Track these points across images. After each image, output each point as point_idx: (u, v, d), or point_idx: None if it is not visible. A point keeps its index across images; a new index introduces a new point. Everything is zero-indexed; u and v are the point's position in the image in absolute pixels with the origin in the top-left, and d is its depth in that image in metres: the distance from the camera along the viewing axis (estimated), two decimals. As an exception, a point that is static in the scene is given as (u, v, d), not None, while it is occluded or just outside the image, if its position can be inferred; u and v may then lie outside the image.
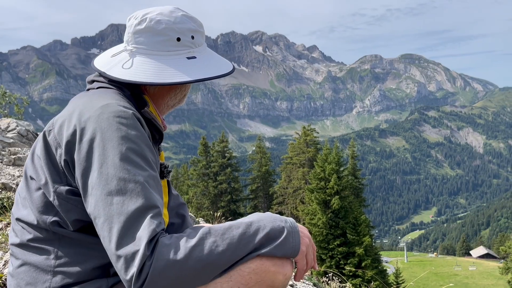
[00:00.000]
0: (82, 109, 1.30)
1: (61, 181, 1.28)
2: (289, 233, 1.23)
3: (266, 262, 1.21)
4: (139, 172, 1.21)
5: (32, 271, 1.30)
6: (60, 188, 1.27)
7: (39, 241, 1.31)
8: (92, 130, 1.23)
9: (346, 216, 25.96)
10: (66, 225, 1.29)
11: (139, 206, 1.16)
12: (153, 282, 1.10)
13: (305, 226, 1.71)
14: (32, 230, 1.33)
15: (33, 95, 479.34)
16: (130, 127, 1.25)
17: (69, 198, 1.27)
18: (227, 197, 37.02)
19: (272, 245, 1.21)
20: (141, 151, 1.25)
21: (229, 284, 1.20)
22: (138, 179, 1.19)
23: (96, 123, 1.24)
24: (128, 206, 1.15)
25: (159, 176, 1.31)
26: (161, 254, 1.11)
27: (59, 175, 1.28)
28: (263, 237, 1.20)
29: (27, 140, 7.17)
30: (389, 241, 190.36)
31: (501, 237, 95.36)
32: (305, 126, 39.98)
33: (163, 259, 1.11)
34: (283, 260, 1.25)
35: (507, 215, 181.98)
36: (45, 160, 1.30)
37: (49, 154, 1.30)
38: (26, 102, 15.50)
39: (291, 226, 1.24)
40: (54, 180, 1.28)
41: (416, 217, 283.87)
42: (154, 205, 1.19)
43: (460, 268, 76.53)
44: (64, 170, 1.27)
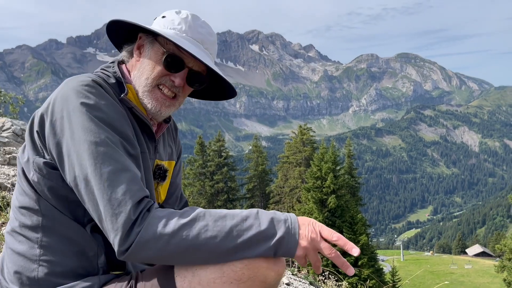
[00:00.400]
0: (57, 88, 1.35)
1: (38, 154, 1.32)
2: (283, 238, 1.20)
3: (258, 258, 1.21)
4: (107, 136, 1.23)
5: (20, 260, 1.32)
6: (37, 159, 1.31)
7: (24, 228, 1.34)
8: (59, 102, 1.28)
9: (343, 215, 26.01)
10: (47, 207, 1.32)
11: (112, 168, 1.19)
12: (138, 249, 1.14)
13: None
14: (18, 215, 1.36)
15: (29, 94, 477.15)
16: (92, 94, 1.28)
17: (47, 171, 1.30)
18: (223, 196, 37.00)
19: (262, 248, 1.20)
20: (105, 117, 1.27)
21: (222, 280, 1.20)
22: (107, 142, 1.22)
23: (61, 96, 1.29)
24: (101, 168, 1.19)
25: (135, 148, 1.33)
26: (151, 225, 1.15)
27: (36, 149, 1.32)
28: (255, 235, 1.19)
29: (22, 139, 7.13)
30: (385, 240, 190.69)
31: (497, 235, 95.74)
32: (302, 125, 40.02)
33: (152, 230, 1.14)
34: (276, 257, 1.25)
35: (502, 213, 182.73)
36: (28, 137, 1.35)
37: (31, 132, 1.34)
38: (21, 102, 15.41)
39: (289, 229, 1.21)
40: (33, 154, 1.32)
41: (412, 216, 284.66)
42: (126, 168, 1.22)
43: (456, 266, 76.87)
44: (39, 142, 1.31)
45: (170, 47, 1.45)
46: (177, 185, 1.77)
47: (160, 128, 1.61)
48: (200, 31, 1.51)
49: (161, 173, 1.58)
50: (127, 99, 1.42)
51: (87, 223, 1.33)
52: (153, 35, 1.48)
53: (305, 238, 1.21)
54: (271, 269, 1.23)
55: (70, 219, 1.31)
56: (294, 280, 3.76)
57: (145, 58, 1.49)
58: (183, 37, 1.46)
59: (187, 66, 1.47)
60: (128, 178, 1.20)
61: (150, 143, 1.52)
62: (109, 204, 1.17)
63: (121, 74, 1.48)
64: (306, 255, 1.23)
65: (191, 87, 1.53)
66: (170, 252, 1.16)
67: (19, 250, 1.33)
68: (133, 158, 1.31)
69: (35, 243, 1.31)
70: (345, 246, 1.22)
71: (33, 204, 1.32)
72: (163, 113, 1.51)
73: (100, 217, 1.19)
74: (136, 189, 1.19)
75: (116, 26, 1.52)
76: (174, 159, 1.72)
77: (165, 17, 1.51)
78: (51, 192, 1.30)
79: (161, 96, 1.48)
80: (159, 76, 1.47)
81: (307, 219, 1.26)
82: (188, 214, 1.19)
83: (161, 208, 1.27)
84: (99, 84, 1.33)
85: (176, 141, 1.78)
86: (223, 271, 1.20)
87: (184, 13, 1.51)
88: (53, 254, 1.30)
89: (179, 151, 1.79)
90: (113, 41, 1.59)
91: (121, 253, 1.16)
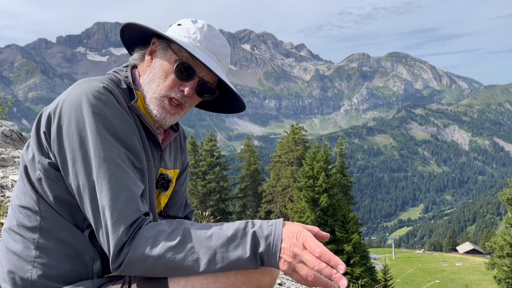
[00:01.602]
0: (69, 88, 1.35)
1: (43, 154, 1.32)
2: (262, 254, 1.17)
3: None
4: (113, 150, 1.24)
5: (14, 260, 1.32)
6: (42, 159, 1.31)
7: (21, 227, 1.33)
8: (68, 105, 1.27)
9: (335, 214, 26.09)
10: (47, 208, 1.32)
11: (112, 186, 1.21)
12: (128, 268, 1.18)
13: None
14: (17, 214, 1.35)
15: (18, 94, 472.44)
16: (103, 103, 1.28)
17: (51, 172, 1.30)
18: (216, 196, 36.93)
19: (248, 266, 1.17)
20: (113, 129, 1.27)
21: (216, 285, 1.19)
22: (112, 157, 1.23)
23: (71, 99, 1.28)
24: (102, 185, 1.21)
25: (141, 162, 1.34)
26: (138, 246, 1.17)
27: (42, 149, 1.32)
28: (240, 256, 1.16)
29: (11, 140, 7.03)
30: (377, 238, 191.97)
31: (487, 233, 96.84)
32: (294, 124, 40.08)
33: (139, 251, 1.17)
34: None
35: (492, 211, 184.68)
36: (34, 135, 1.34)
37: (37, 130, 1.34)
38: (11, 102, 15.30)
39: (269, 246, 1.17)
40: (39, 153, 1.32)
41: (403, 214, 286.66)
42: (126, 187, 1.23)
43: (447, 264, 77.52)
44: (45, 143, 1.31)
45: (183, 55, 1.44)
46: (183, 193, 1.77)
47: (168, 137, 1.60)
48: (214, 42, 1.50)
49: (164, 183, 1.58)
50: (136, 107, 1.41)
51: (86, 228, 1.33)
52: (167, 42, 1.47)
53: (287, 252, 1.16)
54: (265, 273, 1.22)
55: (69, 222, 1.31)
56: (287, 280, 3.75)
57: (156, 64, 1.48)
58: (197, 46, 1.46)
59: (198, 76, 1.47)
60: (126, 197, 1.21)
61: (156, 151, 1.51)
62: (104, 221, 1.20)
63: (132, 80, 1.48)
64: (298, 271, 1.16)
65: (200, 97, 1.52)
66: (158, 271, 1.19)
67: (14, 249, 1.33)
68: (138, 171, 1.31)
69: (31, 244, 1.31)
70: (330, 262, 1.12)
71: (32, 204, 1.32)
72: (168, 121, 1.50)
73: (97, 229, 1.23)
74: (132, 210, 1.20)
75: (129, 29, 1.52)
76: (179, 168, 1.71)
77: (181, 25, 1.51)
78: (53, 193, 1.30)
79: (168, 104, 1.46)
80: (170, 86, 1.45)
81: (294, 228, 1.19)
82: (175, 234, 1.19)
83: (161, 215, 1.25)
84: (110, 91, 1.32)
85: (183, 150, 1.77)
86: (217, 276, 1.19)
87: (200, 23, 1.50)
88: (48, 256, 1.30)
89: (186, 160, 1.79)
90: (125, 44, 1.60)
91: (114, 269, 1.20)
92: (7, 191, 3.95)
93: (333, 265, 1.11)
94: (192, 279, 1.20)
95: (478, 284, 60.80)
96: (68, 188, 1.29)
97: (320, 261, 1.12)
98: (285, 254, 1.16)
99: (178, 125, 1.66)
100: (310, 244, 1.15)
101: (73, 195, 1.28)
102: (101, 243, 1.23)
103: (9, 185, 4.09)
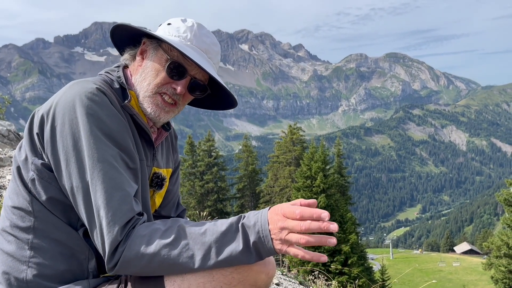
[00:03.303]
0: (61, 89, 1.35)
1: (37, 155, 1.32)
2: (255, 243, 1.18)
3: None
4: (107, 150, 1.25)
5: (9, 260, 1.32)
6: (35, 160, 1.31)
7: (15, 228, 1.33)
8: (62, 106, 1.28)
9: (332, 214, 26.10)
10: (40, 208, 1.31)
11: (106, 186, 1.21)
12: (123, 267, 1.19)
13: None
14: (10, 215, 1.35)
15: (15, 94, 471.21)
16: (96, 104, 1.28)
17: (45, 173, 1.30)
18: (213, 196, 36.89)
19: (244, 259, 1.18)
20: (107, 129, 1.28)
21: (212, 284, 1.20)
22: (106, 157, 1.24)
23: (64, 100, 1.28)
24: (96, 185, 1.21)
25: (134, 162, 1.35)
26: (134, 244, 1.18)
27: (35, 150, 1.32)
28: (234, 249, 1.17)
29: (9, 140, 7.02)
30: (375, 239, 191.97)
31: (484, 233, 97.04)
32: (292, 124, 40.05)
33: (134, 250, 1.18)
34: (266, 259, 1.24)
35: (489, 211, 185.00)
36: (27, 136, 1.34)
37: (30, 131, 1.34)
38: (8, 102, 15.21)
39: (259, 232, 1.18)
40: (32, 154, 1.33)
41: (401, 214, 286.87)
42: (120, 187, 1.24)
43: (444, 264, 77.65)
44: (38, 144, 1.31)
45: (174, 54, 1.45)
46: (175, 192, 1.78)
47: (160, 136, 1.61)
48: (204, 40, 1.52)
49: (158, 181, 1.59)
50: (129, 106, 1.41)
51: (80, 227, 1.33)
52: (157, 41, 1.48)
53: (274, 231, 1.17)
54: (261, 271, 1.23)
55: (63, 222, 1.31)
56: (284, 280, 3.74)
57: (148, 63, 1.48)
58: (188, 45, 1.46)
59: (190, 74, 1.48)
60: (121, 197, 1.22)
61: (148, 150, 1.52)
62: (98, 221, 1.20)
63: (125, 79, 1.49)
64: (291, 242, 1.17)
65: (192, 95, 1.54)
66: (154, 269, 1.20)
67: (8, 250, 1.32)
68: (131, 171, 1.32)
69: (26, 244, 1.30)
70: (313, 217, 1.13)
71: (26, 205, 1.32)
72: (162, 118, 1.50)
73: (91, 230, 1.23)
74: (127, 209, 1.21)
75: (119, 30, 1.52)
76: (171, 167, 1.72)
77: (171, 24, 1.51)
78: (46, 194, 1.30)
79: (161, 102, 1.47)
80: (161, 83, 1.46)
81: (275, 208, 1.21)
82: (170, 232, 1.19)
83: (155, 215, 1.26)
84: (103, 92, 1.33)
85: (175, 149, 1.77)
86: (213, 275, 1.20)
87: (190, 22, 1.51)
88: (43, 256, 1.29)
89: (177, 160, 1.79)
90: (115, 44, 1.60)
91: (110, 269, 1.21)
92: (3, 191, 3.96)
93: (316, 218, 1.12)
94: (188, 278, 1.20)
95: (475, 284, 60.90)
96: (62, 189, 1.29)
97: (303, 221, 1.13)
98: (274, 234, 1.17)
99: (170, 124, 1.67)
100: (288, 211, 1.16)
101: (66, 195, 1.28)
102: (95, 243, 1.23)
103: (6, 185, 4.09)
